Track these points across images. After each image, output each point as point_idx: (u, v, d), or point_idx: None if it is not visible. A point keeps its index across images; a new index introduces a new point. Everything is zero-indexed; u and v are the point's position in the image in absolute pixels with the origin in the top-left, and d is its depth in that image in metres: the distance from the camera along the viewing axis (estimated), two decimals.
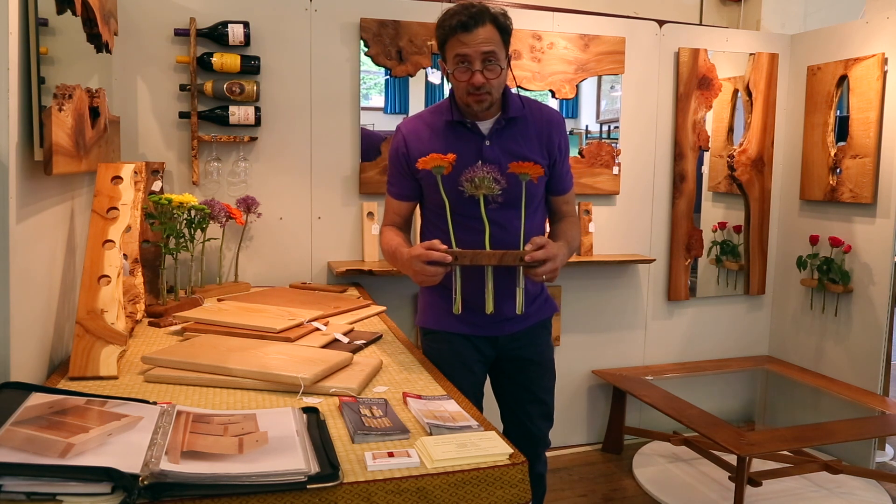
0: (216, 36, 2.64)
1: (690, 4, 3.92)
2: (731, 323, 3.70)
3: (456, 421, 1.32)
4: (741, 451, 2.52)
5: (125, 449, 1.07)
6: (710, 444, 2.80)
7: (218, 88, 2.64)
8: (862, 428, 2.85)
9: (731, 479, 2.70)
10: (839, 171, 3.32)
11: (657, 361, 3.56)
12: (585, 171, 3.26)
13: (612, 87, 3.45)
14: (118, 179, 1.74)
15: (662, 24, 3.39)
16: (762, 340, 3.78)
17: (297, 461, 1.09)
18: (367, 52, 2.90)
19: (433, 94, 3.33)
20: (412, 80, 3.11)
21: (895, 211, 3.08)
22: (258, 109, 2.70)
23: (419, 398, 1.45)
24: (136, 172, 1.84)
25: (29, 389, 1.27)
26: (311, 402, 1.41)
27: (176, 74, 2.68)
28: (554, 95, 3.21)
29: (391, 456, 1.15)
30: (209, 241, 2.59)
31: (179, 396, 1.43)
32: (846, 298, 3.34)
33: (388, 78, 3.18)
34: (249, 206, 2.70)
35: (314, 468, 1.07)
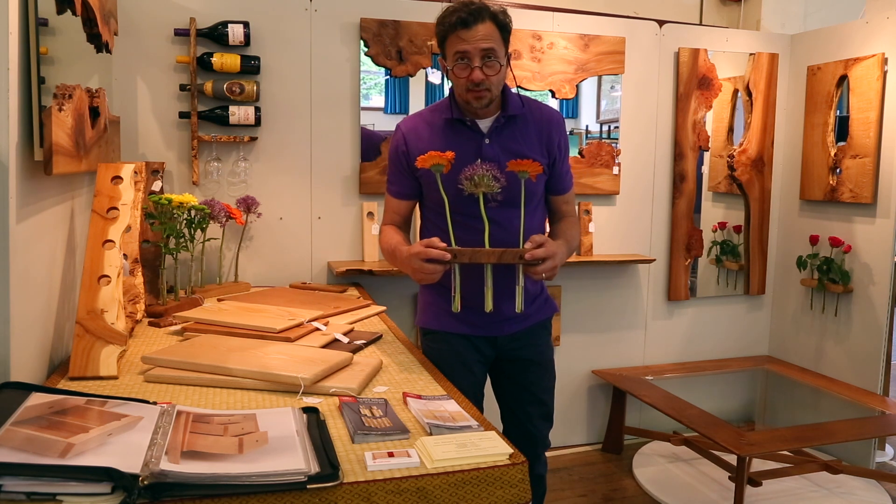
0: (216, 36, 2.64)
1: (690, 4, 3.92)
2: (731, 323, 3.70)
3: (456, 421, 1.31)
4: (741, 451, 2.52)
5: (125, 449, 1.07)
6: (710, 444, 2.80)
7: (218, 88, 2.64)
8: (862, 428, 2.85)
9: (731, 479, 2.70)
10: (839, 171, 3.32)
11: (657, 361, 3.56)
12: (585, 171, 3.26)
13: (612, 87, 3.45)
14: (118, 179, 1.75)
15: (662, 24, 3.39)
16: (762, 340, 3.78)
17: (297, 461, 1.09)
18: (367, 52, 2.90)
19: (433, 93, 3.33)
20: (412, 80, 3.11)
21: (895, 211, 3.08)
22: (258, 109, 2.70)
23: (419, 398, 1.45)
24: (136, 172, 1.84)
25: (29, 389, 1.27)
26: (311, 402, 1.41)
27: (176, 74, 2.68)
28: (554, 95, 3.21)
29: (391, 456, 1.15)
30: (209, 241, 2.59)
31: (179, 396, 1.43)
32: (846, 298, 3.34)
33: (388, 78, 3.18)
34: (249, 206, 2.70)
35: (314, 468, 1.07)
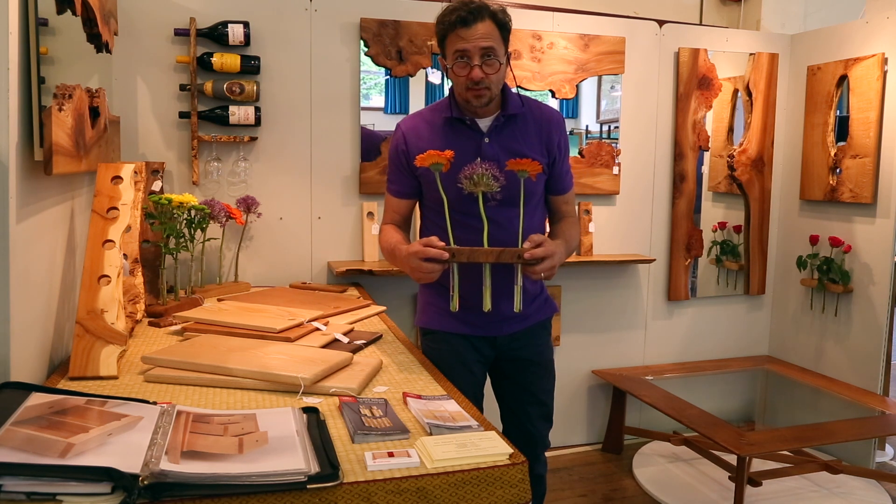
0: (216, 36, 2.64)
1: (690, 4, 3.92)
2: (731, 323, 3.70)
3: (456, 421, 1.31)
4: (741, 451, 2.52)
5: (125, 449, 1.07)
6: (710, 444, 2.80)
7: (218, 88, 2.64)
8: (862, 428, 2.85)
9: (731, 479, 2.70)
10: (839, 171, 3.32)
11: (657, 361, 3.56)
12: (585, 171, 3.26)
13: (612, 87, 3.45)
14: (118, 179, 1.75)
15: (662, 24, 3.39)
16: (762, 340, 3.78)
17: (297, 461, 1.09)
18: (367, 52, 2.90)
19: (433, 93, 3.32)
20: (412, 80, 3.10)
21: (895, 211, 3.08)
22: (258, 109, 2.70)
23: (419, 398, 1.45)
24: (136, 172, 1.84)
25: (29, 389, 1.27)
26: (311, 402, 1.41)
27: (176, 74, 2.68)
28: (554, 95, 3.21)
29: (391, 456, 1.15)
30: (209, 241, 2.59)
31: (179, 396, 1.43)
32: (846, 298, 3.34)
33: (388, 78, 3.18)
34: (249, 205, 2.70)
35: (314, 468, 1.07)
